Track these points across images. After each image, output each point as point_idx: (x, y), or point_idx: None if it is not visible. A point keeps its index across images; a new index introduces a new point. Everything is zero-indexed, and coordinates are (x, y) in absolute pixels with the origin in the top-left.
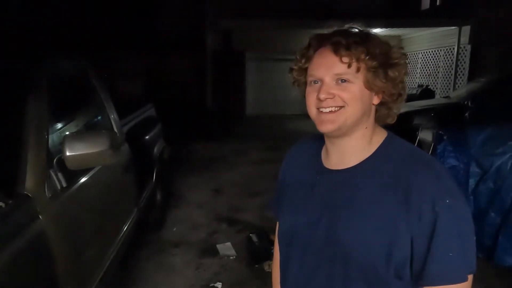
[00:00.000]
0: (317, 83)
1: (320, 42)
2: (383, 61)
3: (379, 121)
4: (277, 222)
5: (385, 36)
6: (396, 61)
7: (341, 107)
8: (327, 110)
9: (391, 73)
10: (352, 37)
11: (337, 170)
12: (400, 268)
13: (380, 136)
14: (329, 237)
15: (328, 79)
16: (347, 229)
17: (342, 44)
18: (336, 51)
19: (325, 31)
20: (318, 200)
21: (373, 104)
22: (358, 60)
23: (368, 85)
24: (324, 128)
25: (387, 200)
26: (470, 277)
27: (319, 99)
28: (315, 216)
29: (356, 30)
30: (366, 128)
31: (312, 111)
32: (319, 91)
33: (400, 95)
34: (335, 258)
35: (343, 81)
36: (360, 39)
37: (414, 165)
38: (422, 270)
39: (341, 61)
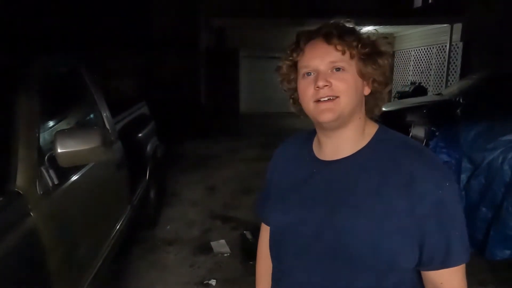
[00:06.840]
0: (311, 74)
1: (309, 36)
2: (373, 49)
3: (368, 112)
4: (262, 224)
5: (377, 34)
6: (383, 49)
7: (336, 97)
8: (325, 98)
9: (380, 61)
10: (342, 28)
11: (333, 161)
12: (402, 254)
13: (373, 128)
14: (332, 230)
15: (324, 67)
16: (348, 219)
17: (334, 33)
18: (328, 41)
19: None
20: (314, 194)
21: (364, 94)
22: (350, 47)
23: (361, 73)
24: (324, 117)
25: (388, 185)
26: None
27: (317, 89)
28: (312, 211)
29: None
30: (360, 118)
31: (309, 104)
32: (316, 81)
33: (387, 84)
34: (337, 253)
35: (338, 69)
36: (349, 29)
37: (410, 153)
38: (443, 254)
39: (336, 49)
